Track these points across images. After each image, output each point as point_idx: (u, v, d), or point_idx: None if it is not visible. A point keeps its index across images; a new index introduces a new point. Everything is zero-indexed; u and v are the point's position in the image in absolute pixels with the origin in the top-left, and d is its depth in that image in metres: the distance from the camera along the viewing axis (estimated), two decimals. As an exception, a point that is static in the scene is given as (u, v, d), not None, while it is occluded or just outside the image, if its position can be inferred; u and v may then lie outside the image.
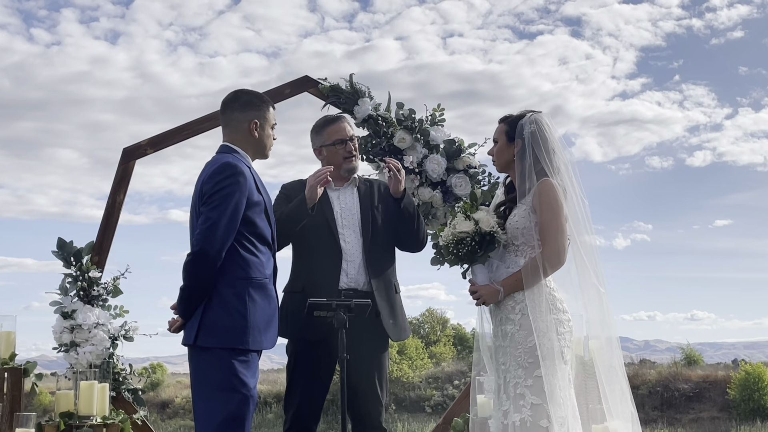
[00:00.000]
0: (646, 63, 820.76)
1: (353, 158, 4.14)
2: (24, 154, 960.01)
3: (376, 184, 4.26)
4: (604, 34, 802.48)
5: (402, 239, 4.19)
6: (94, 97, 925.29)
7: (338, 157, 4.11)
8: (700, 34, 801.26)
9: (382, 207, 4.14)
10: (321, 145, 4.15)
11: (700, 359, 27.45)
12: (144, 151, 5.39)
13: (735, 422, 20.04)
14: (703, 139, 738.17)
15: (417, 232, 4.18)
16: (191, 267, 3.31)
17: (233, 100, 3.59)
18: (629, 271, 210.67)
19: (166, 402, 26.44)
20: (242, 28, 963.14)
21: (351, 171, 4.15)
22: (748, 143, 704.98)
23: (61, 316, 5.02)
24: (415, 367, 26.60)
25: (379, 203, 4.15)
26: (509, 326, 3.53)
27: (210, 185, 3.34)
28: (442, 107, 5.35)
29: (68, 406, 4.75)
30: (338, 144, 4.11)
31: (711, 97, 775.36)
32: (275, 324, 3.48)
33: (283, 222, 3.83)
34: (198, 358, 3.35)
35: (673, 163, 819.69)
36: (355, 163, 4.15)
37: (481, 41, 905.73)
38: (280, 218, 3.79)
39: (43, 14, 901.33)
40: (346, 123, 4.21)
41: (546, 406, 3.38)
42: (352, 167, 4.15)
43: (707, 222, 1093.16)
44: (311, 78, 5.41)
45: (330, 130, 4.15)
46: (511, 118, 3.74)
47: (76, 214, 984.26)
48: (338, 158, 4.11)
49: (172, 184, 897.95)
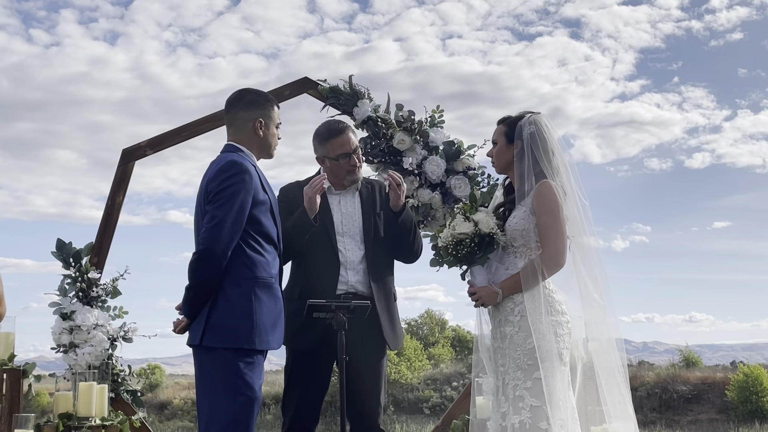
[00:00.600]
0: (645, 65, 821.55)
1: (357, 170, 4.08)
2: (23, 155, 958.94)
3: (377, 188, 4.22)
4: (604, 35, 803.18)
5: (396, 250, 4.17)
6: (93, 98, 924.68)
7: (342, 170, 4.05)
8: (700, 35, 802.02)
9: (384, 213, 4.12)
10: (324, 156, 4.08)
11: (699, 361, 27.45)
12: (143, 152, 5.39)
13: (733, 424, 20.04)
14: (702, 141, 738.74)
15: (412, 245, 4.16)
16: (197, 266, 3.28)
17: (238, 99, 3.57)
18: (628, 272, 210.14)
19: (165, 403, 26.43)
20: (241, 29, 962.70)
21: (354, 182, 4.11)
22: (747, 145, 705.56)
23: (60, 317, 5.02)
24: (414, 369, 26.60)
25: (381, 209, 4.13)
26: (508, 328, 3.53)
27: (215, 183, 3.32)
28: (441, 109, 5.35)
29: (67, 407, 4.75)
30: (342, 158, 4.03)
31: (710, 99, 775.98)
32: (282, 324, 3.45)
33: (289, 235, 3.81)
34: (203, 359, 3.32)
35: (672, 165, 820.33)
36: (358, 174, 4.10)
37: (480, 43, 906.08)
38: (285, 232, 3.75)
39: (42, 15, 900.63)
40: (350, 134, 4.09)
41: (545, 408, 3.37)
42: (356, 178, 4.10)
43: (706, 224, 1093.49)
44: (311, 79, 5.41)
45: (334, 143, 4.03)
46: (510, 120, 3.73)
47: (75, 215, 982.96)
48: (342, 171, 4.05)
49: (171, 185, 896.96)
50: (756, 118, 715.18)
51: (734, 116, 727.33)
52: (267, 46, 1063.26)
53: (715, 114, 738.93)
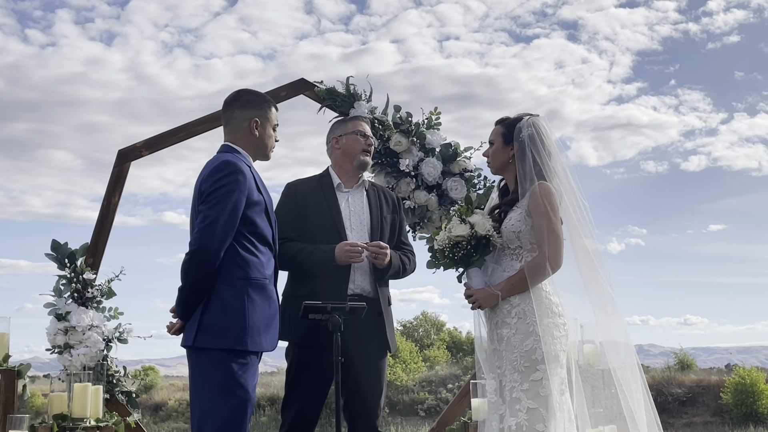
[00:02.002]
0: (642, 67, 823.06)
1: (369, 154, 4.20)
2: (18, 156, 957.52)
3: (382, 193, 4.27)
4: (601, 38, 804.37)
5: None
6: (89, 99, 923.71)
7: (357, 147, 4.17)
8: (697, 38, 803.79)
9: (389, 219, 4.17)
10: (342, 134, 4.21)
11: (694, 364, 27.46)
12: (139, 153, 5.38)
13: (728, 427, 20.06)
14: (698, 144, 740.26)
15: (404, 275, 4.21)
16: (189, 266, 3.26)
17: (235, 98, 3.57)
18: (623, 275, 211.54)
19: (160, 405, 26.37)
20: (238, 30, 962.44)
21: (363, 166, 4.19)
22: (743, 148, 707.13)
23: (55, 318, 5.01)
24: (409, 371, 26.57)
25: (387, 214, 4.17)
26: (505, 330, 3.52)
27: (209, 183, 3.31)
28: (438, 111, 5.35)
29: (62, 408, 4.73)
30: (360, 135, 4.18)
31: (707, 102, 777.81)
32: (275, 326, 3.44)
33: (304, 268, 3.91)
34: (196, 360, 3.31)
35: (668, 168, 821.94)
36: (368, 158, 4.21)
37: (477, 44, 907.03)
38: (301, 262, 3.89)
39: (38, 15, 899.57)
40: (366, 119, 4.40)
41: (542, 410, 3.37)
42: (365, 162, 4.19)
43: (701, 227, 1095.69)
44: (307, 81, 5.41)
45: (355, 122, 4.28)
46: (508, 121, 3.73)
47: (70, 215, 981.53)
48: (356, 148, 4.16)
49: (167, 186, 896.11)
50: (752, 121, 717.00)
51: (730, 119, 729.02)
52: (264, 47, 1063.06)
53: (712, 117, 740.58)
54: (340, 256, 3.89)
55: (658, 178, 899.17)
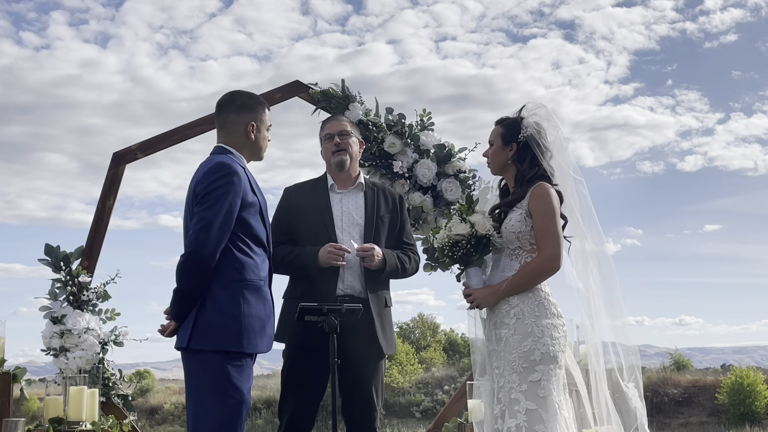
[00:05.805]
0: (640, 67, 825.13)
1: (339, 152, 4.15)
2: (13, 159, 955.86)
3: (382, 192, 4.25)
4: (598, 37, 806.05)
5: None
6: (83, 101, 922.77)
7: (328, 152, 4.21)
8: (694, 37, 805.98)
9: (388, 218, 4.16)
10: (320, 140, 4.29)
11: (689, 364, 27.50)
12: (134, 156, 5.38)
13: (724, 427, 20.08)
14: (694, 144, 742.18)
15: (405, 275, 4.22)
16: (184, 268, 3.25)
17: (229, 102, 3.56)
18: (619, 276, 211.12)
19: (155, 408, 26.33)
20: (234, 32, 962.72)
21: (340, 165, 4.15)
22: (740, 148, 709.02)
23: (51, 321, 5.00)
24: (405, 373, 26.58)
25: (384, 213, 4.16)
26: (504, 330, 3.51)
27: (204, 185, 3.30)
28: (429, 112, 5.35)
29: (57, 412, 4.72)
30: (327, 140, 4.21)
31: (703, 101, 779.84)
32: (271, 327, 3.44)
33: (293, 270, 4.02)
34: (191, 362, 3.29)
35: (664, 168, 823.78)
36: (342, 157, 4.15)
37: (474, 45, 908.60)
38: (290, 264, 3.97)
39: (33, 17, 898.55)
40: (338, 119, 4.35)
41: (541, 411, 3.36)
42: (339, 161, 4.15)
43: (697, 227, 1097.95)
44: (302, 83, 5.41)
45: (325, 126, 4.29)
46: (507, 121, 3.72)
47: (65, 218, 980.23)
48: (328, 153, 4.21)
49: (163, 188, 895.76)
50: (749, 121, 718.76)
51: (727, 119, 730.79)
52: (259, 48, 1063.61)
53: (708, 117, 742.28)
54: (322, 257, 3.93)
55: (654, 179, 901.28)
